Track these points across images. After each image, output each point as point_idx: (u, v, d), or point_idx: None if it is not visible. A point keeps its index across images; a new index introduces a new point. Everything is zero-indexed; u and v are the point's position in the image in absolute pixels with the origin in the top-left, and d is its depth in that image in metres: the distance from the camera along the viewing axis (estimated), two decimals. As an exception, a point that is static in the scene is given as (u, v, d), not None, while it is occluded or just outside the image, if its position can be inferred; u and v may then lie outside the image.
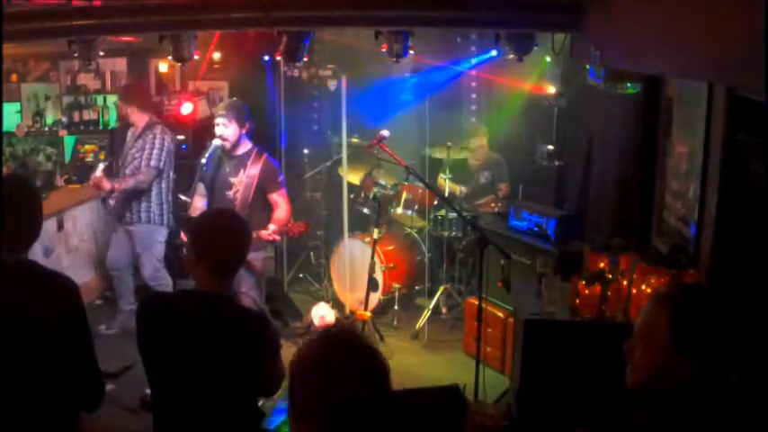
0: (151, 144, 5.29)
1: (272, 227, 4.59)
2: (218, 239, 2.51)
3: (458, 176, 6.19)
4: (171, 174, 5.48)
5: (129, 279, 5.63)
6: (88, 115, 6.73)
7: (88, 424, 4.29)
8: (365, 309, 5.47)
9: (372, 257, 5.51)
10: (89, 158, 6.60)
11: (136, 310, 2.58)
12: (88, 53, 4.16)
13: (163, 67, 6.70)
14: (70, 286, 2.30)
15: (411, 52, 4.17)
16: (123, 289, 5.64)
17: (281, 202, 4.76)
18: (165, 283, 5.47)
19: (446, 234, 5.94)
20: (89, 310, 2.50)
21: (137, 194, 5.31)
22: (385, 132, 5.16)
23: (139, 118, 5.37)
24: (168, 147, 5.37)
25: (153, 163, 5.30)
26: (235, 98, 5.50)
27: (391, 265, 5.87)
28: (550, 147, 5.86)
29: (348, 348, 1.55)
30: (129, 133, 5.49)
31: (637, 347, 1.72)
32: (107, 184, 5.15)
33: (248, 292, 4.67)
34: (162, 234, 5.49)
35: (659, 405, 1.66)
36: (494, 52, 5.74)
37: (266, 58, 6.40)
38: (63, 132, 6.59)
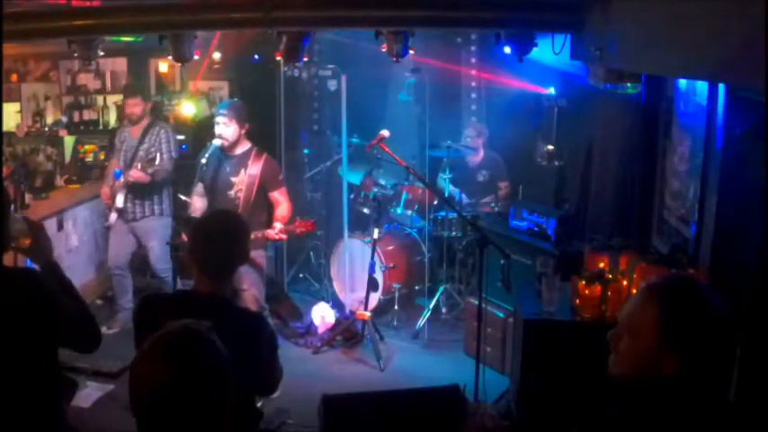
0: (166, 137, 5.48)
1: (278, 225, 4.58)
2: (212, 240, 2.51)
3: (458, 176, 6.18)
4: None
5: (129, 277, 5.70)
6: (88, 115, 6.74)
7: (88, 424, 4.31)
8: (365, 309, 5.46)
9: (372, 257, 5.52)
10: (89, 158, 6.60)
11: (133, 310, 2.58)
12: (88, 53, 4.16)
13: (163, 67, 6.71)
14: (29, 278, 2.29)
15: (411, 52, 4.18)
16: (125, 287, 5.68)
17: (282, 200, 4.76)
18: (171, 274, 5.52)
19: (446, 234, 5.95)
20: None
21: (149, 189, 5.43)
22: (385, 132, 5.15)
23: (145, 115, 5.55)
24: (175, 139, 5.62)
25: (174, 154, 5.50)
26: (235, 98, 5.51)
27: (391, 265, 5.87)
28: (550, 147, 5.86)
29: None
30: (127, 131, 5.56)
31: (622, 337, 1.71)
32: (147, 176, 5.28)
33: (250, 289, 4.67)
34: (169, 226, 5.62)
35: (643, 396, 1.65)
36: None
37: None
38: (63, 132, 6.59)
